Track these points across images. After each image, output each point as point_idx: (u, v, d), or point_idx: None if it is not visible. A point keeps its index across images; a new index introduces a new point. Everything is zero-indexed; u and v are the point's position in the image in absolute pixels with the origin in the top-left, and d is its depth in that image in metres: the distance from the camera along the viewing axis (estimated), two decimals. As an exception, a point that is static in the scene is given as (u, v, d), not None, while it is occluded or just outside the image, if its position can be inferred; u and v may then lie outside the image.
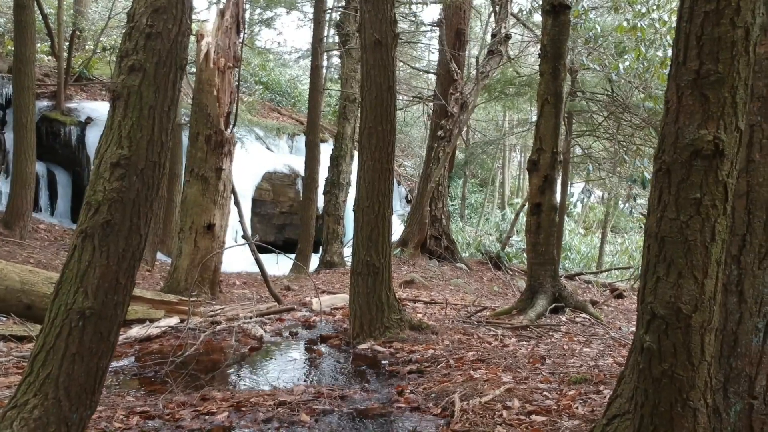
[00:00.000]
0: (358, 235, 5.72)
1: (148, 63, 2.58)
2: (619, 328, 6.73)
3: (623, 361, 4.65)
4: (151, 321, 6.19)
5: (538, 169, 7.21)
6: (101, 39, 18.49)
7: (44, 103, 15.89)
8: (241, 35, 8.12)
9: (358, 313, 5.64)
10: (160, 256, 14.01)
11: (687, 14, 1.88)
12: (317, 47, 12.88)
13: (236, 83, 8.15)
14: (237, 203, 8.52)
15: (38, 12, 14.41)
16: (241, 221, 8.43)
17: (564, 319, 6.84)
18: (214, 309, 6.95)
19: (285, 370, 4.88)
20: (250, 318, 6.47)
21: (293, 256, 12.76)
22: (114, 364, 4.87)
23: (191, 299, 6.84)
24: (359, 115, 5.99)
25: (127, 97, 2.56)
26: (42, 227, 13.47)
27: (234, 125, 8.12)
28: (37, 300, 5.82)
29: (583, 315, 7.04)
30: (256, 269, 8.37)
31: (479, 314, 7.11)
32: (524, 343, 5.69)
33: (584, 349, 5.49)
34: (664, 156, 1.97)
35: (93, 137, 15.96)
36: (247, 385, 4.49)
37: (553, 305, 7.01)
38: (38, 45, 17.75)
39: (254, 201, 19.07)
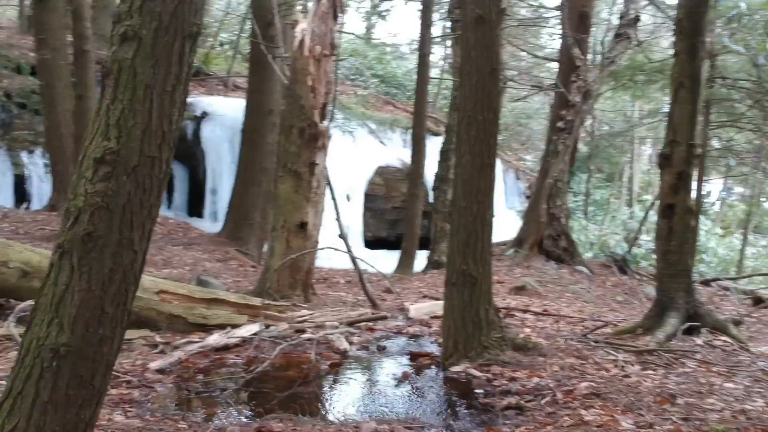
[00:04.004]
0: (454, 240, 4.99)
1: (144, 29, 1.99)
2: (770, 356, 5.61)
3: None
4: (233, 327, 5.77)
5: (670, 165, 6.16)
6: (220, 35, 18.79)
7: (163, 99, 16.30)
8: (338, 21, 7.58)
9: (452, 330, 4.92)
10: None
11: None
12: (425, 34, 12.17)
13: (333, 73, 7.63)
14: (334, 199, 8.04)
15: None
16: (338, 219, 7.93)
17: (699, 342, 5.76)
18: (302, 314, 6.46)
19: (361, 395, 4.26)
20: (338, 327, 5.92)
21: (395, 255, 12.22)
22: (179, 379, 4.44)
23: (278, 303, 6.42)
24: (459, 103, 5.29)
25: (117, 73, 1.99)
26: (157, 220, 13.70)
27: (331, 118, 7.62)
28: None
29: (724, 338, 5.94)
30: (363, 266, 7.88)
31: (598, 331, 6.18)
32: (650, 372, 4.74)
33: (725, 384, 4.49)
34: None
35: (208, 132, 16.34)
36: (314, 413, 3.90)
37: (687, 325, 5.94)
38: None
39: (367, 196, 18.78)
